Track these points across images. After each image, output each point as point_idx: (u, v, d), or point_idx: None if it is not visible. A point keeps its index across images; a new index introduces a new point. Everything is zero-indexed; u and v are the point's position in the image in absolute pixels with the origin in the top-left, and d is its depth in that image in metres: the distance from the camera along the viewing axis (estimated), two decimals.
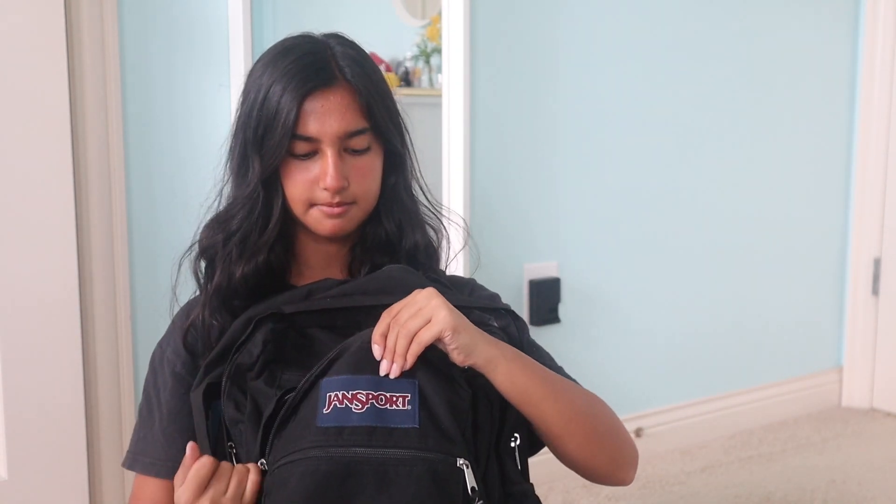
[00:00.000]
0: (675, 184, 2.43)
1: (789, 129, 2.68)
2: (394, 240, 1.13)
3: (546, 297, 2.19)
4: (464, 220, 1.23)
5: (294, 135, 1.03)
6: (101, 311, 1.71)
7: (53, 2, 1.60)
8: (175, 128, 1.75)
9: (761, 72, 2.58)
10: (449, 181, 2.03)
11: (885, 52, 2.76)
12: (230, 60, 1.77)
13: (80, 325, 1.68)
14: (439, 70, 3.42)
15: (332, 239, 1.12)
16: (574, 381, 1.10)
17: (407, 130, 1.14)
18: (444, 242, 1.20)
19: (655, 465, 2.37)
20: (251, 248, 1.07)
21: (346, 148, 1.06)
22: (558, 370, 1.11)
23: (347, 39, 1.11)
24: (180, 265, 1.12)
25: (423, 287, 0.99)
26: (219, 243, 1.09)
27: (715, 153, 2.51)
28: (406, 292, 0.98)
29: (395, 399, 0.91)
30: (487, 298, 1.16)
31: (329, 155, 1.04)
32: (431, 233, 1.18)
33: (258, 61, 1.09)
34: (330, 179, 1.04)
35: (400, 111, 1.13)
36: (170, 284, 1.13)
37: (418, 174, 1.18)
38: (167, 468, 1.08)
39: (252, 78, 1.09)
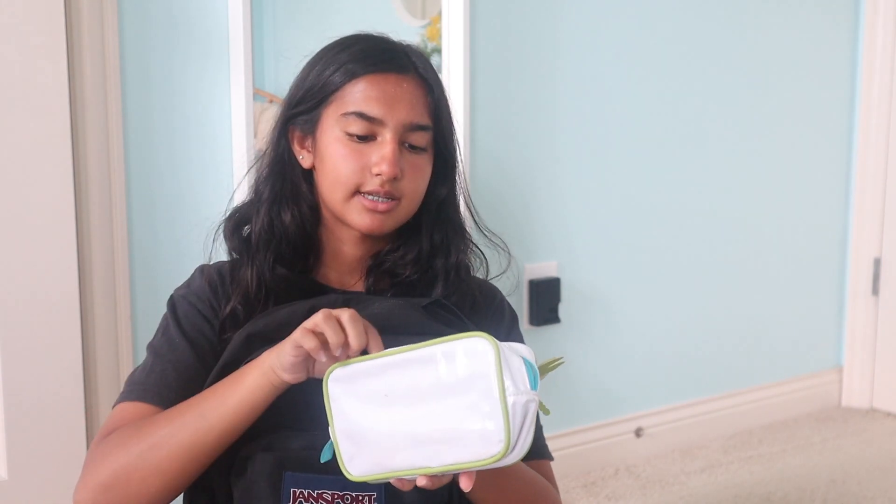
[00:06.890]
0: (674, 183, 2.43)
1: (789, 129, 2.68)
2: (424, 258, 1.08)
3: (546, 296, 2.19)
4: (504, 242, 1.21)
5: (360, 114, 1.00)
6: (101, 311, 1.71)
7: (53, 2, 1.60)
8: (175, 128, 1.75)
9: (761, 71, 2.58)
10: None
11: (885, 52, 2.76)
12: (230, 60, 1.77)
13: (80, 324, 1.68)
14: (439, 70, 3.41)
15: (361, 241, 1.07)
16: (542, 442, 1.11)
17: (459, 146, 1.11)
18: (476, 261, 1.16)
19: (655, 465, 2.36)
20: (288, 193, 1.05)
21: (403, 141, 1.02)
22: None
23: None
24: (214, 239, 1.10)
25: (424, 326, 0.96)
26: (253, 203, 1.07)
27: (715, 153, 2.51)
28: (408, 332, 0.94)
29: (361, 499, 0.91)
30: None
31: (390, 141, 1.00)
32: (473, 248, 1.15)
33: (315, 55, 1.07)
34: (387, 166, 0.99)
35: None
36: (171, 283, 1.12)
37: (466, 192, 1.15)
38: (158, 396, 0.99)
39: (305, 67, 1.06)
